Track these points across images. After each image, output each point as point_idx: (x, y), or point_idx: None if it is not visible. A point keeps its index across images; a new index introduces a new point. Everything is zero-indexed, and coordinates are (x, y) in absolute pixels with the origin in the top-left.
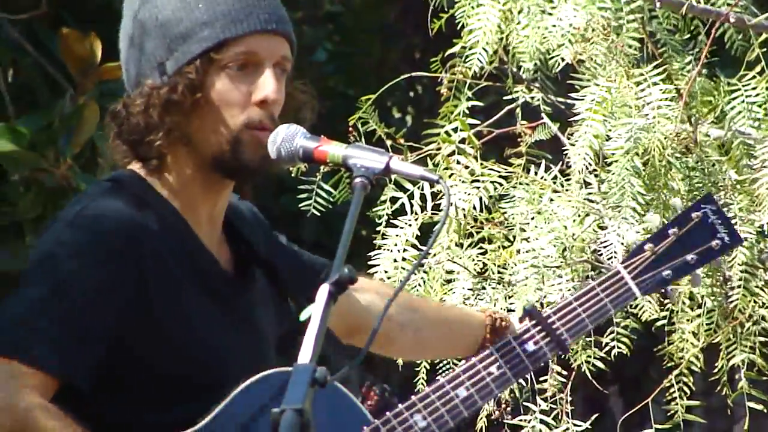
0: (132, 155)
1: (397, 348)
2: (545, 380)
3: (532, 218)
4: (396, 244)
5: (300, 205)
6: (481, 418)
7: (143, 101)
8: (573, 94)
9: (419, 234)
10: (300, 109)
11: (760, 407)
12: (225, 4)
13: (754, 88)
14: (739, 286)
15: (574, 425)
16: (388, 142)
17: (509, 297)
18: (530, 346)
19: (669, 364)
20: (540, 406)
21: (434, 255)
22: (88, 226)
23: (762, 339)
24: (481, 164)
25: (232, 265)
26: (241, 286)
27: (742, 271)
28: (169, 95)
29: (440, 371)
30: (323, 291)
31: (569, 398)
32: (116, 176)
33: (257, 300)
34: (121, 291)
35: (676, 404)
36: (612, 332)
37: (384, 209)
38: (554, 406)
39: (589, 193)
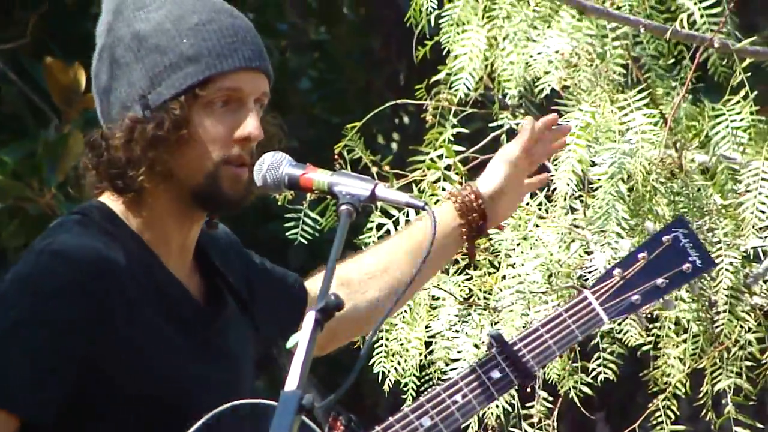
0: (109, 187)
1: (380, 312)
2: (532, 406)
3: (518, 244)
4: None
5: (287, 233)
6: None
7: (125, 135)
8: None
9: None
10: (270, 140)
11: None
12: (210, 39)
13: (738, 113)
14: (724, 311)
15: None
16: (374, 169)
17: (495, 323)
18: (495, 374)
19: (655, 389)
20: (526, 431)
21: None
22: (49, 263)
23: (748, 363)
24: None
25: (204, 294)
26: (212, 315)
27: (727, 296)
28: (155, 131)
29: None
30: (309, 318)
31: (556, 424)
32: (84, 209)
33: (230, 326)
34: (83, 327)
35: (662, 429)
36: (598, 358)
37: (370, 236)
38: None
39: (575, 219)
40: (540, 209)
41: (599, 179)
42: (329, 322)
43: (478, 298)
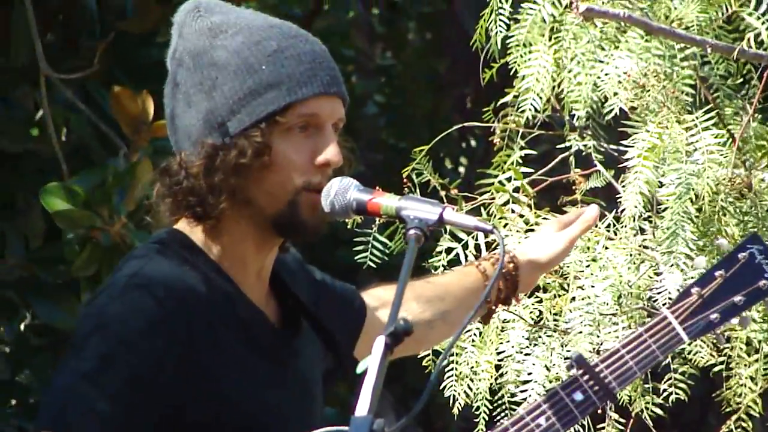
0: (187, 215)
1: (433, 340)
2: (603, 427)
3: (587, 266)
4: None
5: (356, 258)
6: None
7: (205, 162)
8: (625, 141)
9: None
10: (342, 164)
11: None
12: (289, 66)
13: None
14: None
15: None
16: (442, 193)
17: (565, 345)
18: (578, 396)
19: (727, 410)
20: None
21: None
22: (136, 296)
23: None
24: (535, 213)
25: (279, 317)
26: (288, 338)
27: None
28: (238, 158)
29: (498, 420)
30: (379, 343)
31: None
32: (162, 238)
33: (304, 348)
34: (172, 363)
35: None
36: (669, 378)
37: (439, 260)
38: None
39: (644, 240)
40: (609, 231)
41: (667, 200)
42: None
43: (548, 321)
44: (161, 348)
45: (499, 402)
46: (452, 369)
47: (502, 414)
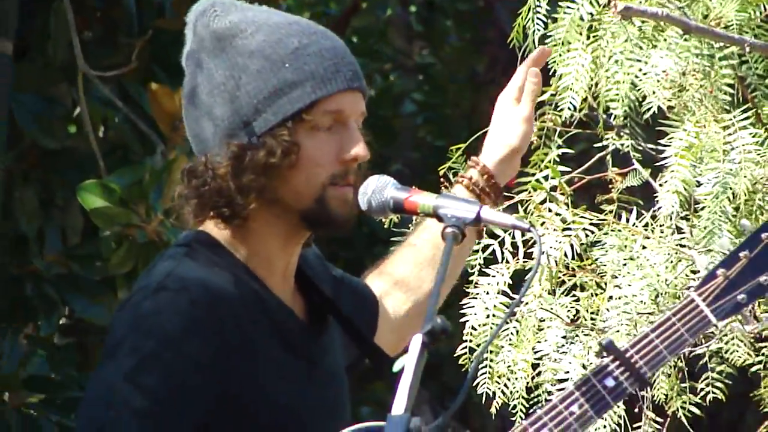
0: (214, 216)
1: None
2: (639, 426)
3: (624, 265)
4: (488, 293)
5: None
6: None
7: (232, 163)
8: (662, 140)
9: (511, 282)
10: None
11: None
12: (312, 63)
13: None
14: None
15: None
16: None
17: None
18: (610, 382)
19: (766, 410)
20: None
21: (526, 303)
22: (170, 301)
23: None
24: (573, 212)
25: (306, 313)
26: (316, 333)
27: None
28: (268, 158)
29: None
30: (416, 341)
31: None
32: (189, 240)
33: (331, 343)
34: (207, 365)
35: None
36: (707, 377)
37: (476, 258)
38: None
39: (681, 239)
40: (646, 230)
41: (704, 199)
42: (399, 321)
43: (585, 319)
44: (197, 348)
45: (536, 401)
46: (487, 368)
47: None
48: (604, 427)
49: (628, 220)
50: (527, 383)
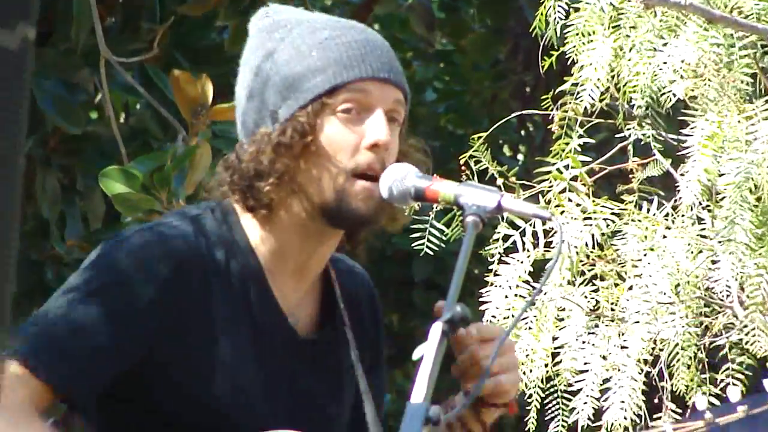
0: (239, 203)
1: None
2: (659, 417)
3: (645, 255)
4: (508, 282)
5: (413, 245)
6: None
7: (255, 148)
8: (684, 130)
9: (531, 271)
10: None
11: None
12: (338, 51)
13: None
14: None
15: None
16: (500, 180)
17: (622, 334)
18: None
19: None
20: None
21: (546, 293)
22: (136, 247)
23: None
24: (593, 201)
25: (315, 324)
26: (309, 347)
27: None
28: (279, 138)
29: (551, 408)
30: (436, 329)
31: None
32: (211, 206)
33: (326, 357)
34: (151, 318)
35: None
36: (727, 369)
37: (496, 247)
38: None
39: (702, 229)
40: (667, 219)
41: (726, 189)
42: None
43: (606, 309)
44: (141, 303)
45: (552, 390)
46: None
47: (555, 403)
48: (625, 418)
49: (648, 210)
50: (546, 372)
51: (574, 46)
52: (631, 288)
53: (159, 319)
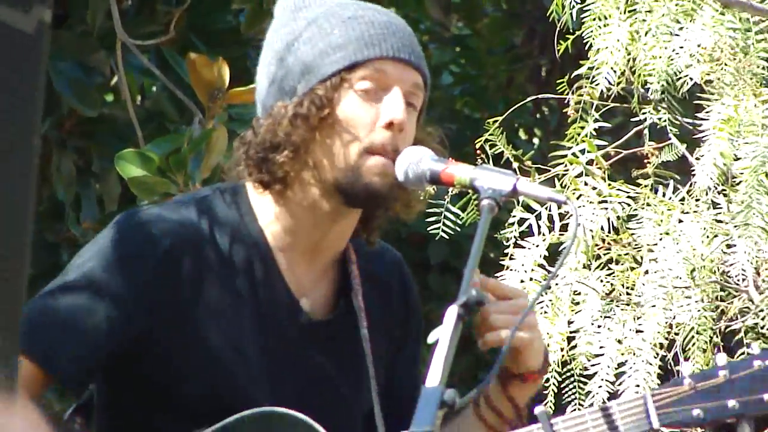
0: (255, 179)
1: None
2: None
3: (660, 239)
4: (523, 265)
5: (428, 228)
6: None
7: (271, 120)
8: (700, 114)
9: (547, 255)
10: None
11: None
12: (359, 29)
13: None
14: None
15: None
16: (516, 164)
17: (638, 318)
18: None
19: None
20: None
21: (562, 276)
22: (131, 229)
23: None
24: (609, 185)
25: (329, 306)
26: (320, 329)
27: None
28: (296, 109)
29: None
30: (451, 313)
31: None
32: (221, 188)
33: (335, 338)
34: (144, 299)
35: None
36: (743, 353)
37: (512, 231)
38: None
39: (718, 213)
40: (683, 203)
41: (742, 173)
42: None
43: (621, 293)
44: (134, 285)
45: (568, 374)
46: None
47: (571, 386)
48: None
49: (664, 195)
50: (562, 356)
51: (590, 30)
52: (646, 272)
53: (148, 301)
